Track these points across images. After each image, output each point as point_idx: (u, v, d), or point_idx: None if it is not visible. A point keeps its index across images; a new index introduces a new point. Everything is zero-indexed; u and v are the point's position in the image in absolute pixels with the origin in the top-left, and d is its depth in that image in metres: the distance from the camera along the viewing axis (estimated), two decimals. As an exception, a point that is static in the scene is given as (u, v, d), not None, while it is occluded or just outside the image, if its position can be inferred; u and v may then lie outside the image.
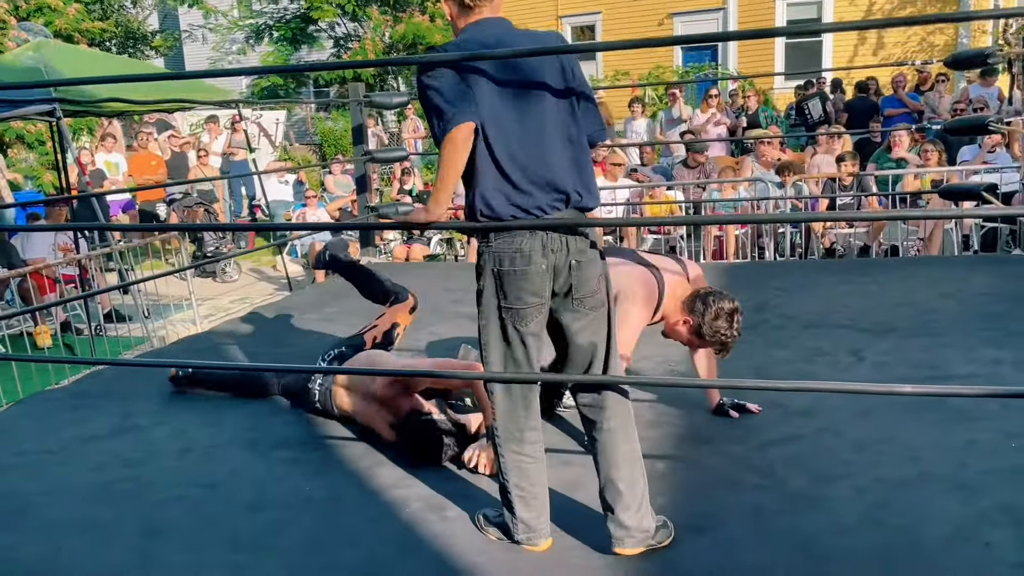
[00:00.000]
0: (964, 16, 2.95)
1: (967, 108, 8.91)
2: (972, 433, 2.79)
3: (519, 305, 2.14)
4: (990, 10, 14.55)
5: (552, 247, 2.11)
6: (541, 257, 2.11)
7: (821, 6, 14.93)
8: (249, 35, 17.79)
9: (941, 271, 5.35)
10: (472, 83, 2.10)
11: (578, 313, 2.19)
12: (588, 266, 2.17)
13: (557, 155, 2.13)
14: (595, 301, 2.21)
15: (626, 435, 2.25)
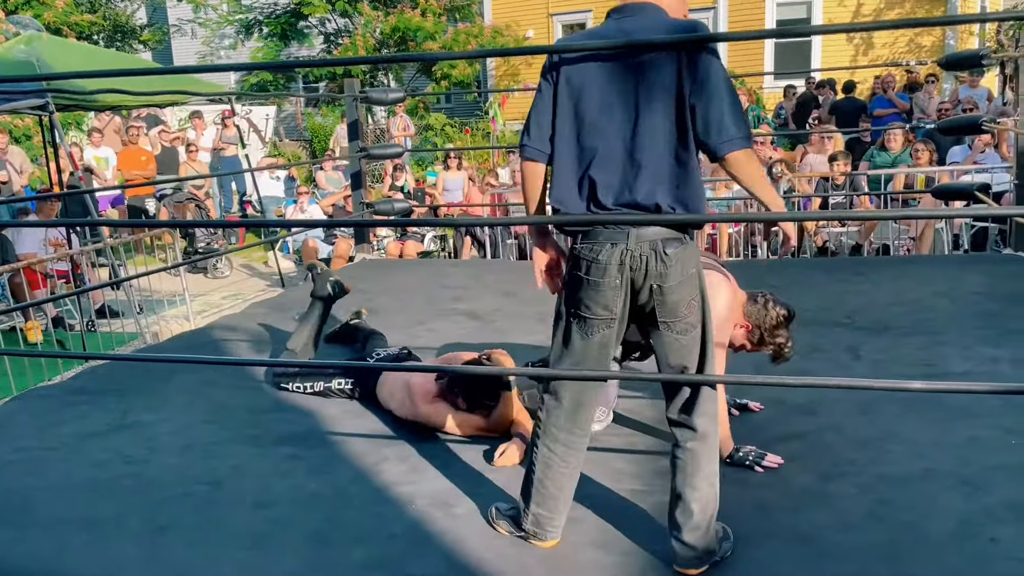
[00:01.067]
0: (952, 20, 2.99)
1: (952, 109, 9.00)
2: (973, 430, 2.82)
3: (587, 315, 2.10)
4: (979, 13, 14.66)
5: (632, 264, 2.02)
6: (617, 272, 2.03)
7: (811, 6, 15.01)
8: (239, 30, 17.70)
9: (933, 270, 5.40)
10: (560, 91, 2.04)
11: (664, 335, 2.10)
12: (675, 290, 2.04)
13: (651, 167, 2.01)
14: (683, 326, 2.09)
15: (709, 456, 2.16)
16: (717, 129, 1.97)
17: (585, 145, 2.05)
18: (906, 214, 4.59)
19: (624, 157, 2.02)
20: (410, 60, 13.02)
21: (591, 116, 2.03)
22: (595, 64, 2.02)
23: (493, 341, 4.18)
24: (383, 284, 5.59)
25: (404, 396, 3.11)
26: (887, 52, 14.71)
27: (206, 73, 10.11)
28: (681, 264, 2.04)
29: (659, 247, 2.01)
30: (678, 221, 2.07)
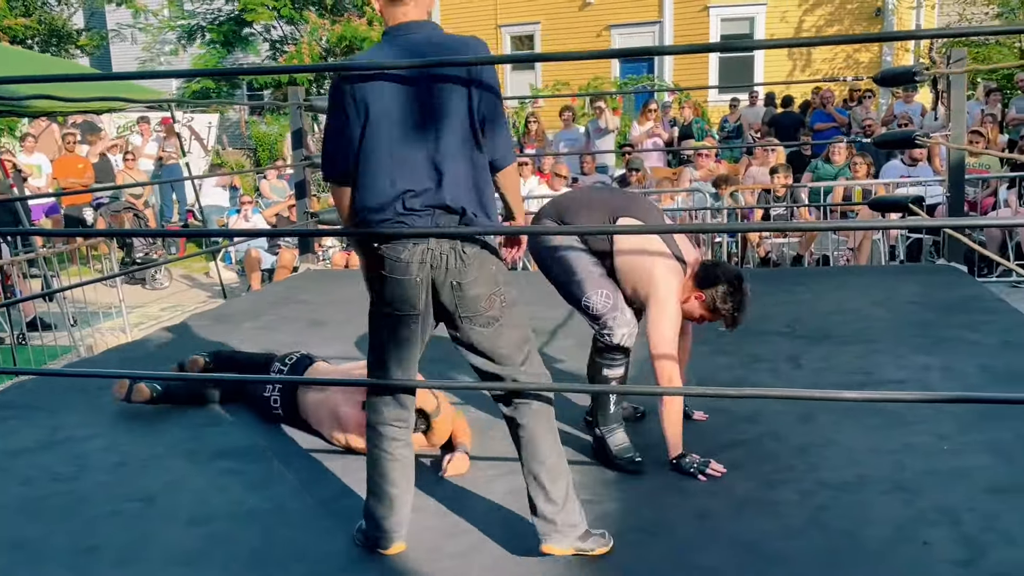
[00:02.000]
0: (887, 36, 3.07)
1: (890, 123, 9.27)
2: (907, 437, 2.89)
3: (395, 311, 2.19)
4: (915, 30, 15.14)
5: (433, 262, 2.11)
6: (418, 269, 2.12)
7: (753, 22, 15.36)
8: (181, 36, 17.38)
9: (871, 280, 5.53)
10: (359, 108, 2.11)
11: (467, 329, 2.20)
12: (473, 286, 2.15)
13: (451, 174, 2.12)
14: (484, 319, 2.18)
15: (549, 429, 2.27)
16: (504, 143, 2.21)
17: (394, 155, 2.12)
18: (843, 225, 4.71)
19: (430, 165, 2.11)
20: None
21: (396, 129, 2.11)
22: (391, 80, 2.11)
23: (438, 352, 4.15)
24: (328, 295, 5.51)
25: (335, 429, 2.98)
26: (826, 67, 15.11)
27: (146, 79, 9.89)
28: (479, 262, 2.15)
29: (458, 246, 2.12)
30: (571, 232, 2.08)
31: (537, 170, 8.77)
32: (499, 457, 2.91)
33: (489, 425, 3.18)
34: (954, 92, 5.47)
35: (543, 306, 4.93)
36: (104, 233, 8.20)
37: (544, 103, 14.08)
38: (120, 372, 3.71)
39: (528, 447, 2.25)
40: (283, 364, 3.32)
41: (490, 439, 3.07)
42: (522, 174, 8.57)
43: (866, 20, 15.03)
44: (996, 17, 15.24)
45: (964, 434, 2.89)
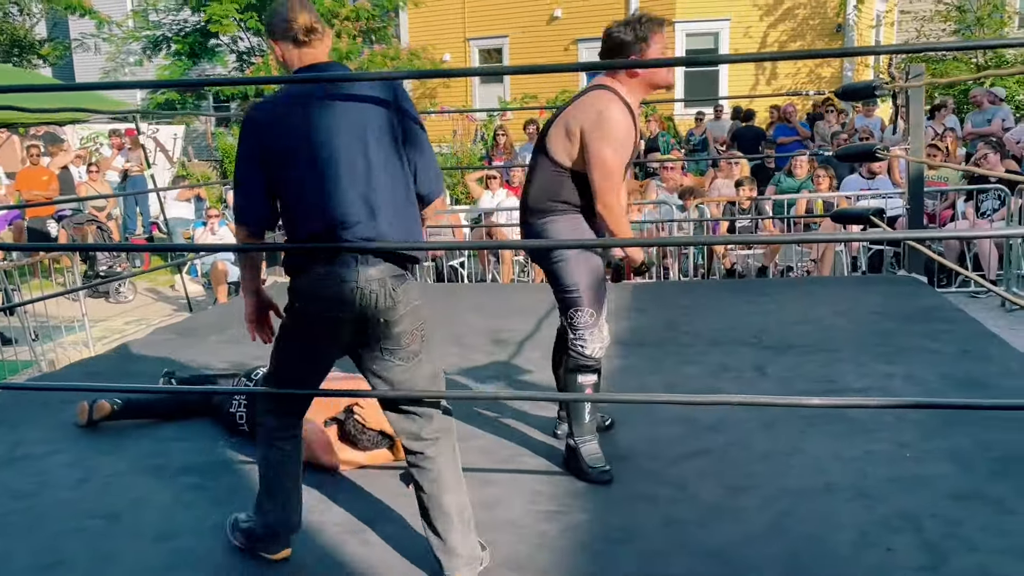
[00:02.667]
0: (853, 51, 3.13)
1: (851, 137, 9.45)
2: (870, 444, 2.94)
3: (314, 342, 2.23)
4: (875, 46, 15.46)
5: (360, 300, 2.10)
6: (341, 305, 2.11)
7: (718, 37, 15.57)
8: (146, 46, 17.19)
9: (833, 291, 5.63)
10: (280, 150, 2.10)
11: (388, 362, 2.20)
12: (399, 322, 2.16)
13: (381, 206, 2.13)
14: (406, 354, 2.21)
15: (454, 458, 2.29)
16: (435, 176, 2.26)
17: (323, 194, 2.11)
18: (806, 238, 4.80)
19: (362, 201, 2.11)
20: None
21: (323, 168, 2.09)
22: (314, 118, 2.10)
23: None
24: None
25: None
26: (789, 82, 15.37)
27: (110, 91, 9.76)
28: (407, 297, 2.17)
29: (387, 284, 2.12)
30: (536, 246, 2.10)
31: (506, 182, 8.81)
32: (470, 468, 2.90)
33: (459, 437, 3.17)
34: (913, 106, 5.60)
35: (511, 319, 4.96)
36: (66, 247, 8.05)
37: (513, 116, 14.14)
38: (81, 386, 3.65)
39: (432, 476, 2.24)
40: (248, 380, 3.29)
41: (461, 450, 3.06)
42: (490, 187, 8.60)
43: (827, 36, 15.31)
44: (953, 34, 15.63)
45: (925, 441, 2.95)
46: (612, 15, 15.94)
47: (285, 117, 2.11)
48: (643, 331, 4.63)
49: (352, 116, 2.11)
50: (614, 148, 2.65)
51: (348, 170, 2.09)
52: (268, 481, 2.30)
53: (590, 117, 2.67)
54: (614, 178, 2.66)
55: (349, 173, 2.09)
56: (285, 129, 2.10)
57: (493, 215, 8.20)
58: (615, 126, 2.64)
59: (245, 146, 2.15)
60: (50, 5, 16.34)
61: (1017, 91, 12.57)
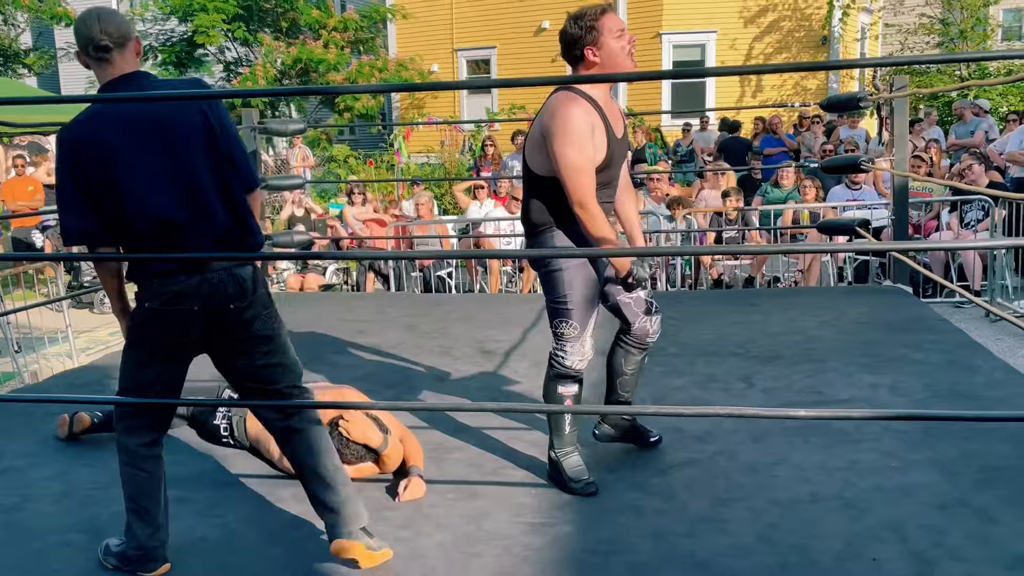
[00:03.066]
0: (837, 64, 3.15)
1: (835, 148, 9.53)
2: (855, 454, 2.95)
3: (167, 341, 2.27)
4: (860, 59, 15.61)
5: (210, 291, 2.20)
6: (194, 299, 2.19)
7: (704, 48, 15.68)
8: (132, 56, 17.11)
9: (820, 301, 5.65)
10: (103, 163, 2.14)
11: (243, 348, 2.30)
12: (247, 309, 2.27)
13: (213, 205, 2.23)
14: (260, 339, 2.31)
15: (320, 431, 2.38)
16: (248, 169, 2.36)
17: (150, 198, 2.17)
18: (793, 248, 4.79)
19: (189, 200, 2.20)
20: (311, 93, 13.01)
21: (144, 175, 2.16)
22: (129, 129, 2.16)
23: (395, 376, 4.14)
24: (283, 318, 5.44)
25: (285, 460, 2.88)
26: (776, 93, 15.49)
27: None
28: (253, 284, 2.29)
29: (234, 272, 2.24)
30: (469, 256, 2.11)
31: (494, 193, 8.82)
32: (458, 481, 2.90)
33: (445, 449, 3.17)
34: (897, 118, 5.64)
35: (499, 329, 4.95)
36: (49, 257, 8.01)
37: (501, 127, 14.18)
38: (64, 398, 3.61)
39: (304, 451, 2.34)
40: (233, 391, 3.27)
41: (448, 462, 3.06)
42: (478, 197, 8.61)
43: (813, 48, 15.45)
44: (936, 46, 15.81)
45: (911, 451, 2.96)
46: (599, 27, 16.03)
47: (99, 132, 2.16)
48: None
49: (166, 121, 2.18)
50: (576, 147, 2.60)
51: (171, 173, 2.17)
52: (136, 503, 2.32)
53: (548, 121, 2.66)
54: (582, 178, 2.62)
55: (172, 176, 2.17)
56: (101, 144, 2.15)
57: (481, 225, 8.21)
58: (573, 125, 2.60)
59: (63, 166, 2.19)
60: (35, 15, 16.27)
61: (1000, 103, 12.72)
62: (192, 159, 2.20)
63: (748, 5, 15.39)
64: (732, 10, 15.38)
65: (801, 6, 15.39)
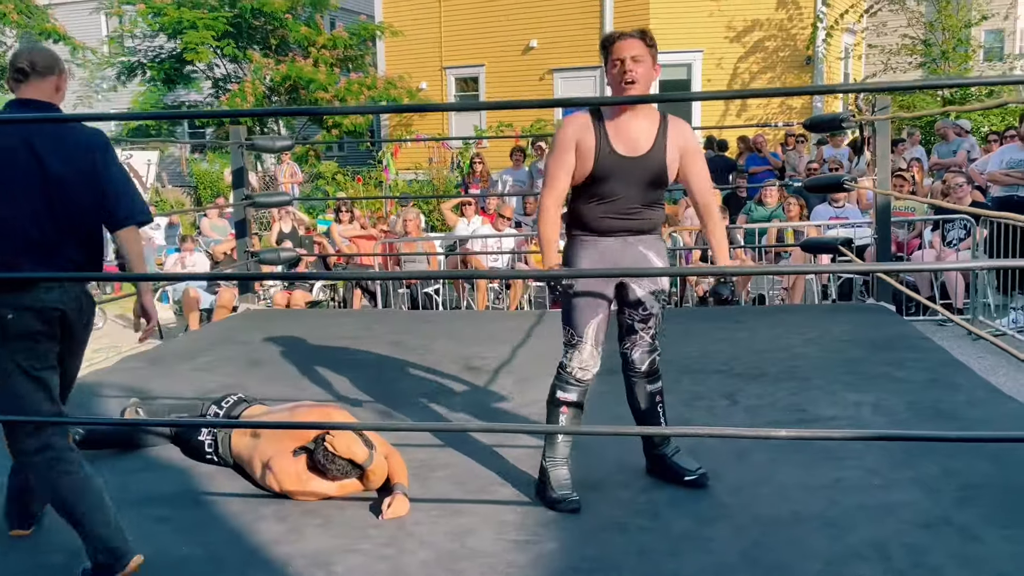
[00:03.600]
0: (825, 89, 3.21)
1: (820, 167, 9.61)
2: (838, 472, 2.96)
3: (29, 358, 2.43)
4: (844, 84, 15.78)
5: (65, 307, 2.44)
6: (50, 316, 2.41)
7: (691, 68, 15.82)
8: (120, 72, 17.13)
9: (804, 319, 5.68)
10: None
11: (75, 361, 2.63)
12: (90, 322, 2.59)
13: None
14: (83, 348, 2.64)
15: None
16: (128, 201, 2.57)
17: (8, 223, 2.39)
18: (778, 269, 4.86)
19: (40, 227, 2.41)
20: (300, 113, 12.98)
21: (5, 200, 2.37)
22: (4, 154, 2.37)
23: (380, 392, 4.13)
24: (267, 336, 5.43)
25: (269, 478, 2.91)
26: (761, 112, 15.63)
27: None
28: (91, 300, 2.57)
29: (84, 289, 2.54)
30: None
31: (481, 210, 8.84)
32: (442, 499, 2.90)
33: (430, 467, 3.17)
34: (879, 138, 5.71)
35: (486, 346, 4.96)
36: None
37: (489, 144, 14.24)
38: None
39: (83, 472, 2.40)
40: (219, 407, 3.26)
41: (432, 480, 3.05)
42: (466, 214, 8.63)
43: (797, 68, 15.61)
44: (919, 67, 16.00)
45: (893, 470, 2.97)
46: (586, 47, 16.18)
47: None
48: (615, 359, 4.63)
49: (41, 152, 2.37)
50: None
51: (30, 200, 2.37)
52: (77, 512, 2.35)
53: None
54: (548, 181, 2.88)
55: (31, 203, 2.37)
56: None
57: (468, 243, 8.22)
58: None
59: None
60: (24, 31, 16.24)
61: (982, 123, 12.87)
62: (54, 187, 2.40)
63: (734, 25, 15.55)
64: (718, 30, 15.54)
65: (786, 26, 15.57)
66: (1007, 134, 9.08)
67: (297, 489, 2.87)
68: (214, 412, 3.26)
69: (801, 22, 15.52)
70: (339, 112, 9.09)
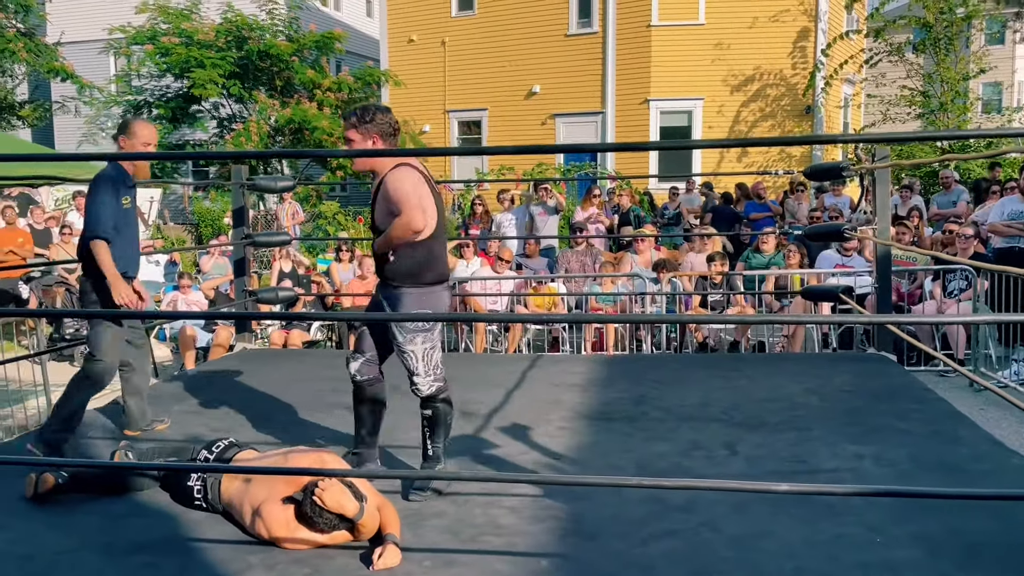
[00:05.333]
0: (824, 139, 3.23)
1: (823, 215, 9.64)
2: (840, 528, 2.90)
3: None
4: (843, 134, 15.92)
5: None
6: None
7: (692, 115, 15.99)
8: (127, 110, 17.30)
9: (804, 367, 5.64)
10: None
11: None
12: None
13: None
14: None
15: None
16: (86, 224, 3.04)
17: None
18: (779, 319, 4.82)
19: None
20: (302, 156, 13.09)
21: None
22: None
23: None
24: (263, 376, 5.38)
25: (258, 524, 2.86)
26: (761, 159, 15.75)
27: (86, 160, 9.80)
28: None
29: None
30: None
31: (481, 251, 8.85)
32: (434, 548, 2.83)
33: (422, 515, 3.11)
34: (879, 187, 5.72)
35: (481, 390, 4.91)
36: (31, 313, 7.93)
37: (490, 187, 14.32)
38: (25, 459, 3.51)
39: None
40: (209, 452, 3.21)
41: (424, 529, 2.99)
42: (464, 256, 8.63)
43: (797, 116, 15.78)
44: (918, 118, 16.16)
45: (895, 526, 2.91)
46: (588, 91, 16.38)
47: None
48: (613, 406, 4.60)
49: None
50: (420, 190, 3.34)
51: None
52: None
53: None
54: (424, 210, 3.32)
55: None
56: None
57: (467, 284, 8.21)
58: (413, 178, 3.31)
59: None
60: (33, 68, 16.45)
61: (981, 172, 12.96)
62: None
63: (734, 73, 15.75)
64: (718, 78, 15.74)
65: (786, 75, 15.76)
66: (1008, 185, 9.13)
67: (286, 536, 2.81)
68: (204, 456, 3.20)
69: (802, 71, 15.71)
70: (340, 155, 9.11)
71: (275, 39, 16.10)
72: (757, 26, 15.54)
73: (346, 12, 23.62)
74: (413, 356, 3.40)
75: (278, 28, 16.47)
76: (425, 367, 3.42)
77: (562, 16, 16.49)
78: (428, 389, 3.44)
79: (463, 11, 17.39)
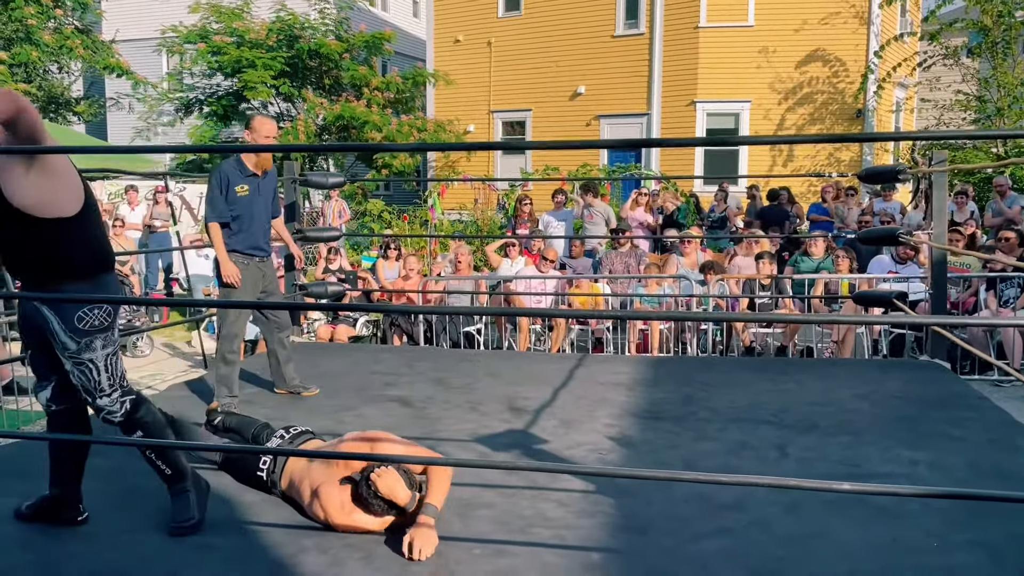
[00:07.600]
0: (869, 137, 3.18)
1: (872, 220, 9.49)
2: (896, 531, 2.85)
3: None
4: (896, 132, 15.65)
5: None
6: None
7: (738, 118, 15.83)
8: (179, 107, 17.66)
9: (855, 373, 5.55)
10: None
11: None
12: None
13: None
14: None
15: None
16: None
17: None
18: (829, 319, 4.76)
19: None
20: (353, 149, 13.26)
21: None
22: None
23: (424, 429, 4.11)
24: (312, 369, 5.46)
25: (316, 507, 2.91)
26: (809, 163, 15.54)
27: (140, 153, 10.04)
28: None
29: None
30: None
31: (526, 250, 8.86)
32: (484, 538, 2.85)
33: (471, 504, 3.13)
34: (936, 192, 5.61)
35: (528, 387, 4.92)
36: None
37: (533, 186, 14.35)
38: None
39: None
40: (286, 432, 3.30)
41: (473, 518, 3.01)
42: (510, 255, 8.65)
43: (847, 120, 15.53)
44: (973, 123, 15.81)
45: (953, 531, 2.85)
46: (634, 93, 16.31)
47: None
48: (661, 405, 4.58)
49: None
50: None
51: None
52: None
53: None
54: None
55: None
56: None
57: (512, 283, 8.23)
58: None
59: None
60: (89, 65, 16.86)
61: None
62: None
63: (781, 76, 15.56)
64: (766, 80, 15.57)
65: (834, 80, 15.52)
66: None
67: (340, 520, 2.85)
68: (280, 434, 3.30)
69: (850, 76, 15.46)
70: (391, 149, 9.21)
71: (325, 38, 16.32)
72: (807, 28, 15.33)
73: (393, 12, 23.84)
74: (92, 368, 2.68)
75: (328, 27, 16.69)
76: (110, 380, 2.73)
77: (609, 17, 16.45)
78: (121, 407, 2.78)
79: (509, 11, 17.44)
